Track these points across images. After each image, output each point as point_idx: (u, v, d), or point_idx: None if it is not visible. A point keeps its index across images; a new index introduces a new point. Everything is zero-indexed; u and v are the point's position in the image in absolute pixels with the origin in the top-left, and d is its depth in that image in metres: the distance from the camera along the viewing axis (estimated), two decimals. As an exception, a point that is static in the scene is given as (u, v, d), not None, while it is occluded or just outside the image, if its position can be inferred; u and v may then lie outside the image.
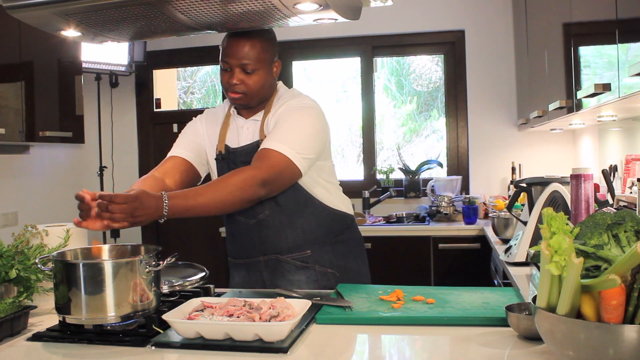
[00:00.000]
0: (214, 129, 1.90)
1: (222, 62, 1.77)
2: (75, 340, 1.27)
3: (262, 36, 1.77)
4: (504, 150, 4.06)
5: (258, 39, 1.75)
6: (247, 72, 1.75)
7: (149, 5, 1.44)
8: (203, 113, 1.98)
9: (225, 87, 1.79)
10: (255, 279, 1.86)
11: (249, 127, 1.84)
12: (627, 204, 2.09)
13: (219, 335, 1.19)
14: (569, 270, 0.92)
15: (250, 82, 1.76)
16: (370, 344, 1.24)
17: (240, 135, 1.84)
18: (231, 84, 1.75)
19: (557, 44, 2.42)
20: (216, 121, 1.91)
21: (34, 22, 1.61)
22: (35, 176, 3.81)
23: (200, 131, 1.91)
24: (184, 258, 1.68)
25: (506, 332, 1.23)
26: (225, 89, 1.80)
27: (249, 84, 1.76)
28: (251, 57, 1.74)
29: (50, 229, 1.66)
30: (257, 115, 1.84)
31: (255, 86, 1.77)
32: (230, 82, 1.75)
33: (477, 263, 3.40)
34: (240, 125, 1.85)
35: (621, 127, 2.82)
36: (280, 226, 1.80)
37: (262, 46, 1.76)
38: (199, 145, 1.90)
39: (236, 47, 1.73)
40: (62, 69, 3.44)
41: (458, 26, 4.11)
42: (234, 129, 1.86)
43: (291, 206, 1.79)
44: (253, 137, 1.82)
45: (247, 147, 1.80)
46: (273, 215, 1.79)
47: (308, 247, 1.82)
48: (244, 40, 1.73)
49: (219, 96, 4.60)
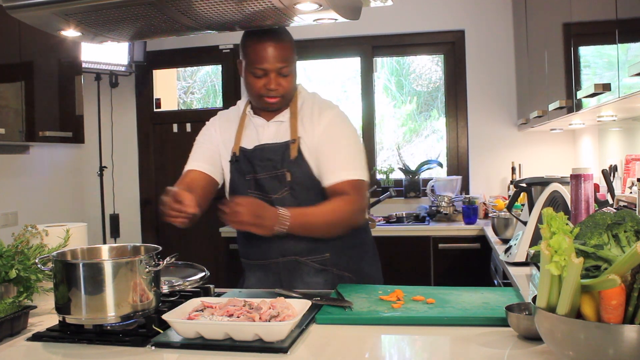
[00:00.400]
0: (229, 132, 1.88)
1: (254, 69, 1.73)
2: (75, 340, 1.27)
3: (287, 36, 1.76)
4: (504, 150, 4.06)
5: (286, 39, 1.75)
6: (282, 75, 1.74)
7: (149, 5, 1.44)
8: (216, 116, 1.96)
9: (258, 93, 1.76)
10: (272, 280, 1.83)
11: (273, 128, 1.82)
12: (627, 204, 2.09)
13: (219, 335, 1.19)
14: (569, 270, 0.92)
15: (286, 85, 1.76)
16: (370, 344, 1.24)
17: (261, 135, 1.83)
18: (270, 89, 1.74)
19: (557, 44, 2.42)
20: (231, 124, 1.89)
21: (34, 22, 1.61)
22: (35, 176, 3.81)
23: (215, 137, 1.89)
24: (184, 258, 1.68)
25: (506, 332, 1.23)
26: (257, 95, 1.77)
27: (285, 87, 1.76)
28: (286, 59, 1.73)
29: (50, 229, 1.66)
30: (280, 116, 1.83)
31: (290, 88, 1.78)
32: (268, 87, 1.74)
33: (477, 263, 3.40)
34: (260, 125, 1.84)
35: (621, 127, 2.82)
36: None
37: (290, 46, 1.76)
38: (215, 153, 1.87)
39: (270, 52, 1.71)
40: (62, 69, 3.44)
41: (458, 26, 4.11)
42: (251, 130, 1.85)
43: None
44: (281, 137, 1.80)
45: (273, 146, 1.79)
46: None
47: (327, 249, 1.81)
48: (275, 44, 1.72)
49: (219, 96, 4.60)
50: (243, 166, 1.82)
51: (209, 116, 2.00)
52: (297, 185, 1.77)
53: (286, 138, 1.79)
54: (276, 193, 1.78)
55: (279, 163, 1.77)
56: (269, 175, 1.79)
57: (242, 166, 1.82)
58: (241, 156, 1.82)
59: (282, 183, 1.77)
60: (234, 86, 4.44)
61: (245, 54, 1.76)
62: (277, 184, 1.77)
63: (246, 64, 1.76)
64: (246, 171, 1.81)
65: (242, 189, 1.82)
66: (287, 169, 1.76)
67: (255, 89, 1.76)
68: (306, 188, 1.77)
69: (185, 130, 4.53)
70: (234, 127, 1.88)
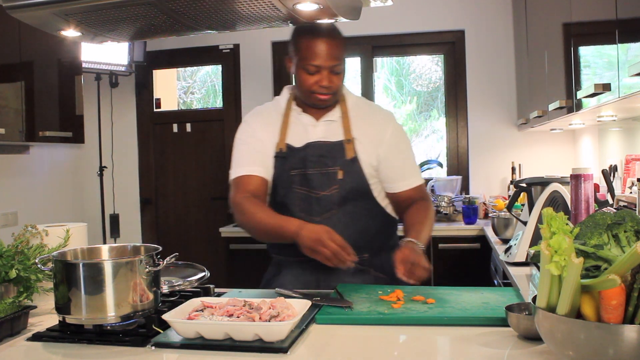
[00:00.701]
0: (272, 128, 1.86)
1: (307, 65, 1.73)
2: (75, 340, 1.27)
3: (340, 34, 1.77)
4: (504, 150, 4.06)
5: (340, 37, 1.76)
6: (335, 73, 1.75)
7: (149, 5, 1.44)
8: (253, 113, 1.93)
9: (309, 89, 1.77)
10: (309, 278, 1.81)
11: (323, 126, 1.83)
12: (627, 204, 2.09)
13: (218, 335, 1.19)
14: (569, 270, 0.92)
15: (338, 82, 1.77)
16: (370, 344, 1.24)
17: (310, 133, 1.83)
18: (323, 86, 1.74)
19: (557, 44, 2.42)
20: (272, 120, 1.87)
21: (34, 22, 1.61)
22: (35, 176, 3.81)
23: (258, 134, 1.86)
24: (184, 258, 1.68)
25: (506, 332, 1.23)
26: (309, 92, 1.77)
27: (337, 84, 1.77)
28: (339, 57, 1.74)
29: (50, 229, 1.66)
30: (329, 115, 1.84)
31: (341, 85, 1.80)
32: (321, 84, 1.74)
33: (477, 263, 3.40)
34: (309, 124, 1.84)
35: (621, 127, 2.82)
36: (344, 227, 1.77)
37: (343, 44, 1.77)
38: (262, 153, 1.85)
39: (324, 49, 1.71)
40: (62, 69, 3.44)
41: (458, 26, 4.11)
42: (298, 128, 1.84)
43: (356, 207, 1.80)
44: (332, 135, 1.81)
45: (327, 144, 1.80)
46: (338, 216, 1.79)
47: (366, 250, 1.81)
48: (331, 41, 1.72)
49: (219, 96, 4.60)
50: (290, 162, 1.81)
51: (209, 116, 2.00)
52: (347, 184, 1.79)
53: (338, 137, 1.81)
54: (325, 190, 1.79)
55: (331, 161, 1.79)
56: (320, 172, 1.79)
57: (289, 162, 1.81)
58: (288, 152, 1.82)
59: (332, 181, 1.78)
60: (234, 86, 4.44)
61: (298, 50, 1.76)
62: (326, 181, 1.79)
63: (298, 60, 1.76)
64: (292, 167, 1.81)
65: (286, 184, 1.81)
66: (339, 167, 1.78)
67: (307, 86, 1.77)
68: (355, 188, 1.80)
69: (185, 130, 4.54)
70: (277, 123, 1.86)
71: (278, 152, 1.83)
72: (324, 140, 1.82)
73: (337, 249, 1.53)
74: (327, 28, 1.74)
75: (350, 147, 1.80)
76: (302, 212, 1.79)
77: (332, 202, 1.78)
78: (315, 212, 1.79)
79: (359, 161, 1.80)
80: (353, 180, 1.79)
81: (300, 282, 1.82)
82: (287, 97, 1.91)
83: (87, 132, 3.83)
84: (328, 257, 1.54)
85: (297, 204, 1.80)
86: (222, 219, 4.42)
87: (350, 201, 1.79)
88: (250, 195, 1.78)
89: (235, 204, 1.79)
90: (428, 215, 1.80)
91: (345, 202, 1.78)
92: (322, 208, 1.79)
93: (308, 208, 1.79)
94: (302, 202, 1.80)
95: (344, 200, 1.78)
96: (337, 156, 1.79)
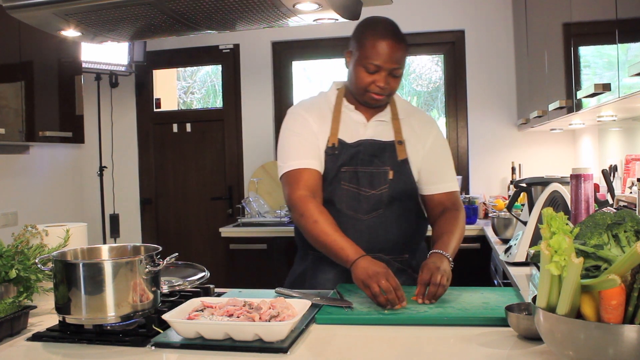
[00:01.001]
0: (323, 122, 1.84)
1: (368, 63, 1.72)
2: (75, 340, 1.27)
3: (404, 38, 1.77)
4: (504, 150, 4.06)
5: (404, 41, 1.76)
6: (394, 76, 1.75)
7: (149, 5, 1.44)
8: (303, 105, 1.90)
9: (365, 87, 1.76)
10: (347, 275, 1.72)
11: (374, 126, 1.83)
12: (627, 204, 2.09)
13: (218, 335, 1.19)
14: (569, 270, 0.92)
15: (394, 85, 1.77)
16: (370, 344, 1.24)
17: (362, 131, 1.83)
18: (380, 86, 1.74)
19: (557, 44, 2.42)
20: (323, 114, 1.85)
21: (34, 22, 1.61)
22: (35, 176, 3.81)
23: (312, 127, 1.83)
24: (184, 258, 1.68)
25: (506, 332, 1.23)
26: (364, 89, 1.76)
27: (393, 87, 1.77)
28: (400, 61, 1.74)
29: (50, 229, 1.66)
30: (380, 115, 1.85)
31: (396, 89, 1.80)
32: (378, 84, 1.74)
33: (477, 263, 3.40)
34: (361, 122, 1.84)
35: (621, 127, 2.82)
36: (389, 226, 1.79)
37: (406, 49, 1.77)
38: (316, 146, 1.81)
39: (388, 50, 1.71)
40: (62, 69, 3.44)
41: (458, 26, 4.11)
42: (349, 124, 1.84)
43: (401, 208, 1.81)
44: (382, 135, 1.82)
45: (379, 143, 1.80)
46: (385, 215, 1.79)
47: (406, 251, 1.83)
48: (395, 44, 1.72)
49: (219, 96, 4.60)
50: (341, 158, 1.80)
51: (209, 116, 1.99)
52: (396, 184, 1.79)
53: (388, 138, 1.82)
54: (374, 189, 1.79)
55: (382, 161, 1.79)
56: (371, 170, 1.79)
57: (340, 158, 1.80)
58: (340, 148, 1.81)
59: (382, 180, 1.79)
60: (234, 86, 4.44)
61: (360, 46, 1.74)
62: (377, 180, 1.79)
63: (359, 57, 1.75)
64: (343, 163, 1.80)
65: (335, 180, 1.80)
66: (390, 167, 1.79)
67: (364, 84, 1.75)
68: (403, 189, 1.81)
69: (185, 130, 4.54)
70: (327, 118, 1.84)
71: (330, 146, 1.81)
72: (375, 139, 1.82)
73: (389, 287, 1.45)
74: (393, 30, 1.75)
75: (402, 149, 1.82)
76: (349, 209, 1.78)
77: (380, 201, 1.78)
78: (362, 210, 1.78)
79: (408, 163, 1.82)
80: (402, 181, 1.80)
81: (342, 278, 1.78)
82: (336, 92, 1.89)
83: (87, 132, 3.83)
84: (376, 294, 1.46)
85: (345, 200, 1.79)
86: (222, 219, 4.42)
87: (397, 202, 1.80)
88: (309, 192, 1.74)
89: (294, 202, 1.73)
90: (457, 226, 1.77)
91: (392, 202, 1.79)
92: (369, 207, 1.78)
93: (355, 206, 1.78)
94: (350, 199, 1.79)
95: (392, 200, 1.79)
96: (388, 156, 1.80)
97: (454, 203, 1.86)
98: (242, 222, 3.97)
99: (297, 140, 1.81)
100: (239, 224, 3.96)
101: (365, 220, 1.78)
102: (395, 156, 1.81)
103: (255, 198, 4.18)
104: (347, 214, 1.78)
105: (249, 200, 4.13)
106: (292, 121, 1.85)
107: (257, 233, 3.79)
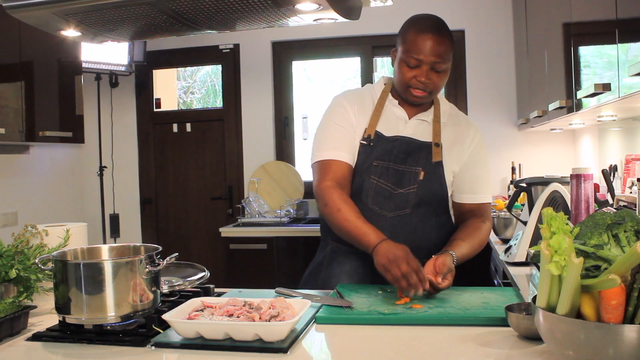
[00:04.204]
0: (363, 112, 1.82)
1: (409, 57, 1.70)
2: (75, 340, 1.27)
3: (449, 33, 1.74)
4: (504, 150, 4.06)
5: (447, 36, 1.73)
6: (436, 71, 1.72)
7: (149, 5, 1.44)
8: (347, 95, 1.87)
9: (406, 82, 1.73)
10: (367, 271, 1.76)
11: (414, 124, 1.81)
12: (627, 204, 2.09)
13: (218, 335, 1.19)
14: (569, 270, 0.92)
15: (437, 81, 1.73)
16: (370, 344, 1.24)
17: (401, 127, 1.81)
18: (421, 81, 1.71)
19: (557, 44, 2.42)
20: (365, 105, 1.84)
21: (34, 22, 1.61)
22: (35, 176, 3.81)
23: (351, 119, 1.82)
24: (184, 258, 1.68)
25: (506, 332, 1.23)
26: (405, 85, 1.74)
27: (436, 83, 1.73)
28: (445, 56, 1.71)
29: (50, 229, 1.66)
30: (422, 114, 1.82)
31: (440, 85, 1.76)
32: (419, 79, 1.71)
33: (477, 263, 3.38)
34: (402, 118, 1.81)
35: (621, 127, 2.82)
36: (413, 228, 1.77)
37: (449, 43, 1.73)
38: (352, 138, 1.80)
39: (429, 44, 1.68)
40: (62, 69, 3.44)
41: (458, 26, 4.11)
42: (389, 119, 1.81)
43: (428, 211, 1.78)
44: (420, 135, 1.79)
45: (416, 142, 1.78)
46: (410, 216, 1.76)
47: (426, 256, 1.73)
48: (440, 39, 1.69)
49: (219, 96, 4.60)
50: (375, 152, 1.78)
51: (209, 116, 1.99)
52: (426, 186, 1.76)
53: (426, 138, 1.79)
54: (403, 188, 1.76)
55: (415, 160, 1.77)
56: (403, 169, 1.77)
57: (375, 152, 1.78)
58: (376, 140, 1.79)
59: (411, 180, 1.76)
60: (234, 86, 4.44)
61: (403, 42, 1.73)
62: (406, 179, 1.76)
63: (401, 52, 1.73)
64: (376, 157, 1.78)
65: (366, 173, 1.78)
66: (422, 167, 1.76)
67: (405, 79, 1.73)
68: (432, 191, 1.77)
69: (185, 130, 4.54)
70: (369, 109, 1.83)
71: (366, 137, 1.79)
72: (413, 137, 1.79)
73: (409, 271, 1.46)
74: (435, 24, 1.73)
75: (438, 151, 1.78)
76: (375, 204, 1.76)
77: (407, 200, 1.75)
78: (388, 207, 1.76)
79: (442, 166, 1.78)
80: (433, 183, 1.77)
81: (359, 274, 1.78)
82: (383, 86, 1.87)
83: (87, 132, 3.83)
84: (397, 278, 1.46)
85: (372, 195, 1.77)
86: (222, 219, 4.42)
87: (425, 204, 1.77)
88: (336, 183, 1.73)
89: (320, 192, 1.74)
90: (477, 235, 1.75)
91: (420, 204, 1.76)
92: (396, 205, 1.76)
93: (382, 202, 1.76)
94: (378, 195, 1.77)
95: (419, 201, 1.76)
96: (422, 156, 1.77)
97: (483, 214, 1.82)
98: (242, 222, 3.97)
99: (334, 131, 1.81)
100: (239, 224, 3.96)
101: (389, 218, 1.76)
102: (430, 157, 1.77)
103: (255, 198, 4.18)
104: (372, 209, 1.76)
105: (249, 200, 4.13)
106: (333, 112, 1.85)
107: (257, 233, 3.79)
